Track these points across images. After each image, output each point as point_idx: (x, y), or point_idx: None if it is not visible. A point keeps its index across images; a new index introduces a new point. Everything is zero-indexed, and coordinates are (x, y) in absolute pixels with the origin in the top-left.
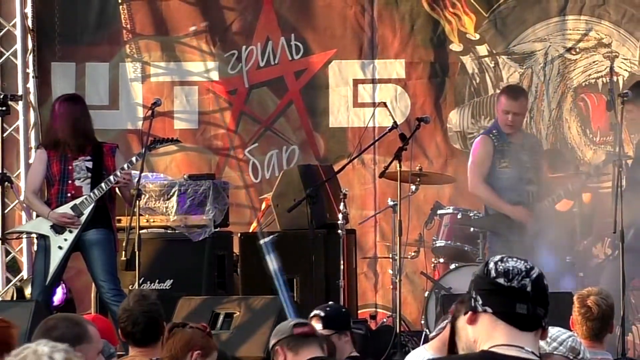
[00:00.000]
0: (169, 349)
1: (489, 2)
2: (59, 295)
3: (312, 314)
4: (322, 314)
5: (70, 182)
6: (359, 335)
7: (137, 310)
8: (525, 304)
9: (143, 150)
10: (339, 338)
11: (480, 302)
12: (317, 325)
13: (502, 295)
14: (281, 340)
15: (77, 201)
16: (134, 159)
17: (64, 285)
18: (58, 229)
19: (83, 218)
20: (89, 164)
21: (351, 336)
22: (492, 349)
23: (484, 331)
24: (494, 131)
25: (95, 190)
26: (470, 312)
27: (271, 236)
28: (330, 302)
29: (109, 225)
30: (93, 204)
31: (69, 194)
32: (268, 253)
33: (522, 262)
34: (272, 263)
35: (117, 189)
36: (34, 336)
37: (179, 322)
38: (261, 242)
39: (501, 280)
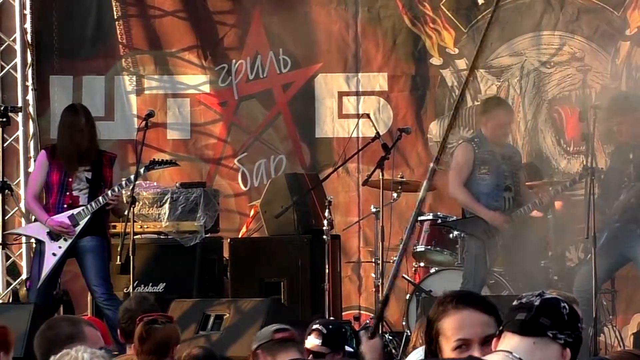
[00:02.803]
0: (148, 349)
1: (467, 18)
2: None
3: (313, 327)
4: (324, 330)
5: (68, 193)
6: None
7: (138, 310)
8: (527, 313)
9: (137, 166)
10: (333, 357)
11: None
12: (316, 340)
13: (511, 311)
14: (262, 345)
15: (75, 211)
16: (124, 182)
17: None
18: (54, 235)
19: (78, 228)
20: (88, 175)
21: (343, 354)
22: (486, 356)
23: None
24: (476, 139)
25: (93, 203)
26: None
27: None
28: (332, 319)
29: (103, 232)
30: (89, 216)
31: (65, 205)
32: None
33: (554, 295)
34: None
35: None
36: (37, 335)
37: (149, 319)
38: None
39: (515, 302)
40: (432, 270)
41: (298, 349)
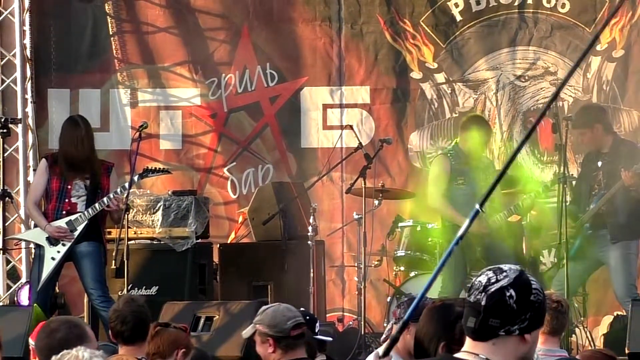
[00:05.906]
0: (156, 347)
1: (446, 34)
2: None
3: None
4: None
5: (67, 200)
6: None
7: (126, 310)
8: (476, 317)
9: (131, 175)
10: None
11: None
12: None
13: (466, 309)
14: (275, 337)
15: (72, 217)
16: (119, 190)
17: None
18: (53, 241)
19: (76, 233)
20: (87, 183)
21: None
22: (455, 354)
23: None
24: (452, 152)
25: (90, 209)
26: None
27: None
28: (301, 309)
29: (99, 238)
30: (86, 222)
31: (64, 211)
32: None
33: (492, 273)
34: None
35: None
36: (38, 338)
37: (163, 321)
38: None
39: (466, 296)
40: (412, 274)
41: (305, 344)
